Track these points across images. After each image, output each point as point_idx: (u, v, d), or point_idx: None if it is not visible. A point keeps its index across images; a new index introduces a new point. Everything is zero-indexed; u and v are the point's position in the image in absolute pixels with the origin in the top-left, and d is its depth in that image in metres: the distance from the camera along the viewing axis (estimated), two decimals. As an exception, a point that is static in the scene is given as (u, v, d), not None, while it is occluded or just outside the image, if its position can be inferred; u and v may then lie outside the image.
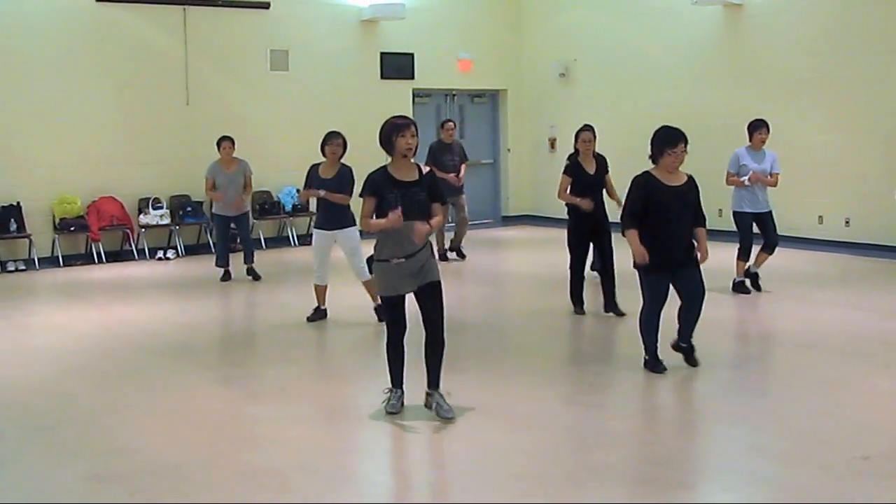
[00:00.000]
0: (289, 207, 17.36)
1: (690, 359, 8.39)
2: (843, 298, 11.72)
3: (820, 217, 15.36)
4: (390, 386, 7.33)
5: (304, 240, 17.70)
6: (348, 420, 7.58)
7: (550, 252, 16.54)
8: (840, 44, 15.31)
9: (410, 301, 7.16)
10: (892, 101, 14.73)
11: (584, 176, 10.76)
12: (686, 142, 8.12)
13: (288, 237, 17.50)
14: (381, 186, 6.95)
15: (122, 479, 6.14)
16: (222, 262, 13.86)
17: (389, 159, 7.12)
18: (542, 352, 9.51)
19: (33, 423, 7.41)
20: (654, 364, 8.30)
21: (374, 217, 7.00)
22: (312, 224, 10.86)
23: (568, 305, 10.98)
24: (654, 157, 8.17)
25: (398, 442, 6.98)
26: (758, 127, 11.81)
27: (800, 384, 8.03)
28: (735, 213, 11.95)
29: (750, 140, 11.86)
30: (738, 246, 11.86)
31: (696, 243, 8.24)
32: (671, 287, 8.26)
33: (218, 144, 13.75)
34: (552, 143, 20.32)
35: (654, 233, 8.05)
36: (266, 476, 6.14)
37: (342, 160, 10.69)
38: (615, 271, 10.70)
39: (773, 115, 12.19)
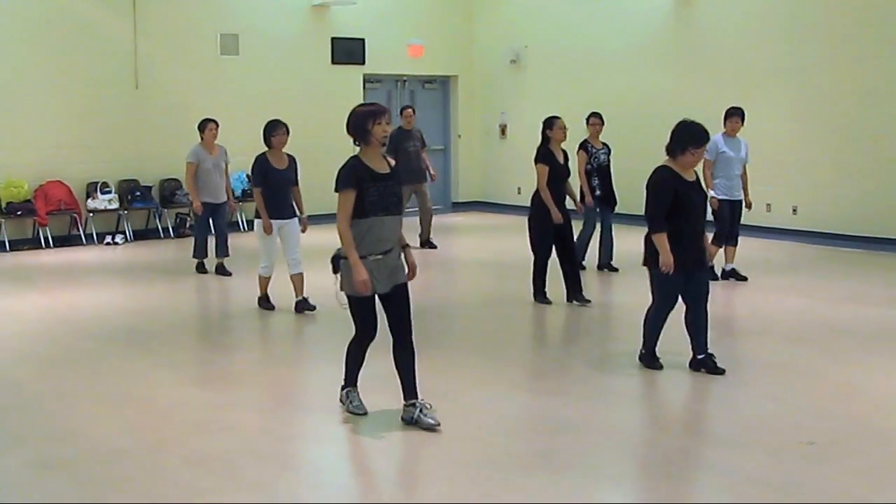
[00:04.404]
0: (238, 193, 17.20)
1: (717, 369, 7.88)
2: (790, 285, 11.84)
3: (768, 205, 15.47)
4: (347, 386, 6.94)
5: (253, 225, 17.58)
6: (296, 406, 7.57)
7: (501, 238, 16.58)
8: (792, 33, 15.46)
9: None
10: (843, 91, 14.90)
11: (556, 165, 10.45)
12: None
13: (238, 222, 17.36)
14: (362, 178, 6.43)
15: (69, 466, 6.08)
16: (200, 253, 13.09)
17: (359, 148, 6.64)
18: (493, 339, 9.51)
19: (-23, 410, 7.32)
20: (650, 361, 8.08)
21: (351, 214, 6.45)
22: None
23: (520, 293, 10.95)
24: (673, 152, 7.73)
25: (347, 428, 6.95)
26: (730, 115, 11.80)
27: (747, 370, 8.11)
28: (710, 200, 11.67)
29: (724, 127, 11.79)
30: (713, 232, 11.55)
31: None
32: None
33: (201, 127, 12.78)
34: (503, 129, 20.37)
35: (676, 231, 7.63)
36: (214, 462, 6.11)
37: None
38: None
39: (723, 103, 12.24)
